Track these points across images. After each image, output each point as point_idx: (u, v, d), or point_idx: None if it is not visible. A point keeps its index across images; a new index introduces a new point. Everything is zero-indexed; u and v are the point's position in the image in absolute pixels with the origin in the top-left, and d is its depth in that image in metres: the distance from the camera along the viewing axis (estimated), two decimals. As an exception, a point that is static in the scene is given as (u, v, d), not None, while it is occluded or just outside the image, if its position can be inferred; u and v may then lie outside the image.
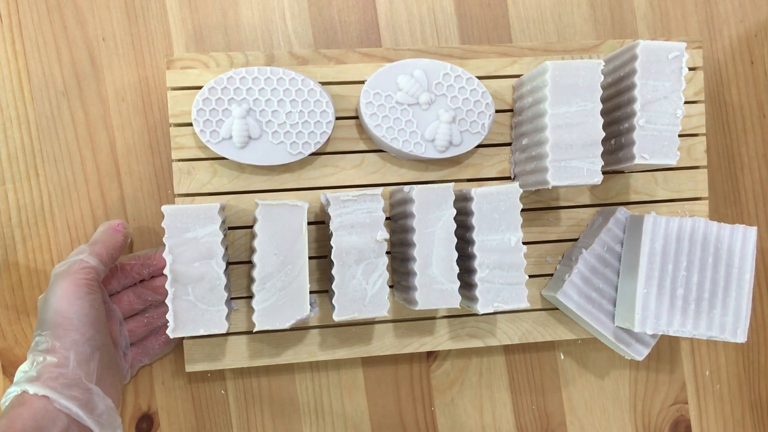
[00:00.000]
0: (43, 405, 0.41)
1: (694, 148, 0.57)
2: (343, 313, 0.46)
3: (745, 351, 0.62)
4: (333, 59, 0.54)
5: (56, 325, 0.44)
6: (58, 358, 0.43)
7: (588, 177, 0.48)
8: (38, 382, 0.42)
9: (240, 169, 0.52)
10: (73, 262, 0.46)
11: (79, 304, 0.44)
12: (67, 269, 0.46)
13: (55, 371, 0.43)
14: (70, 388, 0.43)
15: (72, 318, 0.44)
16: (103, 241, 0.49)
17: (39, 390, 0.42)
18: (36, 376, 0.42)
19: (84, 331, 0.44)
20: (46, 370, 0.43)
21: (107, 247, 0.48)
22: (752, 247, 0.50)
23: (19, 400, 0.42)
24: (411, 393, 0.58)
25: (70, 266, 0.46)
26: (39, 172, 0.54)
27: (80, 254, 0.47)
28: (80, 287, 0.45)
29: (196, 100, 0.49)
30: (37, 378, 0.42)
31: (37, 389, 0.42)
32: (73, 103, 0.54)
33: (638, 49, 0.48)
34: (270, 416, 0.56)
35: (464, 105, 0.52)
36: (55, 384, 0.42)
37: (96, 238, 0.49)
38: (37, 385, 0.42)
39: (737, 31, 0.62)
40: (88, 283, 0.45)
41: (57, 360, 0.43)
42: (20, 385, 0.42)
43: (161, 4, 0.55)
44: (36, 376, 0.42)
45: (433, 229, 0.47)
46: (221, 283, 0.45)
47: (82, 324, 0.44)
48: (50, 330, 0.44)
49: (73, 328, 0.44)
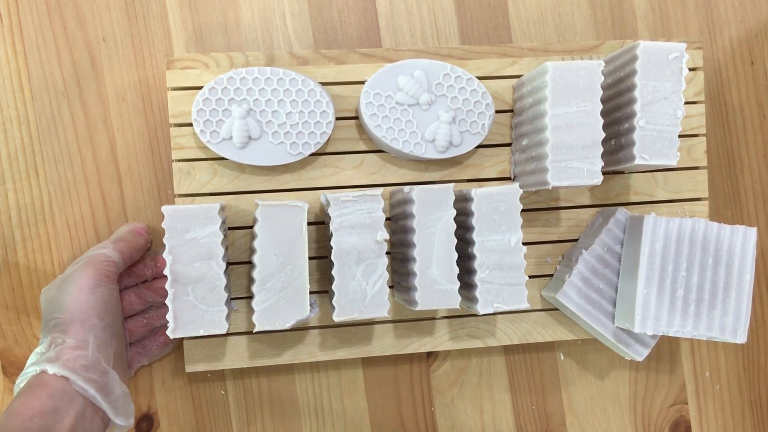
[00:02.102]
0: (61, 386, 0.42)
1: (694, 148, 0.57)
2: (343, 313, 0.46)
3: (745, 352, 0.62)
4: (333, 59, 0.54)
5: (77, 310, 0.44)
6: (77, 340, 0.44)
7: (588, 177, 0.48)
8: (57, 363, 0.42)
9: (240, 169, 0.52)
10: (95, 254, 0.47)
11: (100, 291, 0.45)
12: (90, 260, 0.47)
13: (74, 353, 0.43)
14: (88, 370, 0.43)
15: (93, 304, 0.45)
16: (127, 241, 0.50)
17: (58, 371, 0.42)
18: (55, 357, 0.43)
19: (104, 316, 0.45)
20: (65, 351, 0.43)
21: (129, 246, 0.49)
22: (752, 247, 0.50)
23: (38, 380, 0.42)
24: (411, 393, 0.58)
25: (93, 257, 0.47)
26: (39, 172, 0.54)
27: (103, 248, 0.48)
28: (102, 277, 0.46)
29: (196, 101, 0.49)
30: (56, 359, 0.43)
31: (57, 369, 0.42)
32: (73, 103, 0.54)
33: (638, 50, 0.48)
34: (270, 416, 0.56)
35: (464, 105, 0.52)
36: (74, 365, 0.43)
37: (119, 236, 0.50)
38: (56, 366, 0.42)
39: (737, 31, 0.62)
40: (108, 274, 0.47)
41: (76, 342, 0.44)
42: (39, 365, 0.43)
43: (161, 4, 0.55)
44: (55, 357, 0.43)
45: (433, 230, 0.47)
46: (221, 284, 0.45)
47: (103, 310, 0.45)
48: (69, 314, 0.44)
49: (94, 313, 0.45)
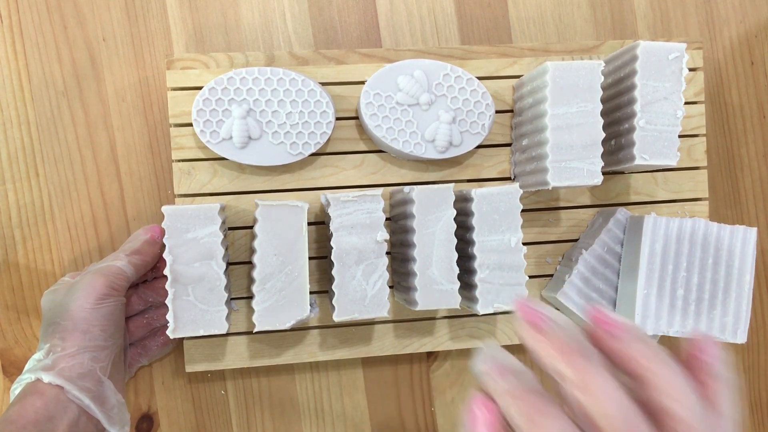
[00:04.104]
0: (55, 394, 0.42)
1: (695, 148, 0.57)
2: (343, 313, 0.46)
3: (745, 352, 0.62)
4: (333, 60, 0.54)
5: (80, 319, 0.44)
6: (75, 349, 0.44)
7: (588, 178, 0.48)
8: (53, 372, 0.43)
9: (240, 169, 0.52)
10: (109, 265, 0.47)
11: (107, 303, 0.45)
12: (103, 270, 0.46)
13: (70, 362, 0.43)
14: (83, 379, 0.43)
15: (97, 315, 0.45)
16: (144, 253, 0.49)
17: (53, 379, 0.42)
18: (51, 365, 0.43)
19: (106, 328, 0.45)
20: (62, 360, 0.43)
21: (144, 260, 0.49)
22: (752, 247, 0.50)
23: (33, 387, 0.42)
24: (411, 393, 0.58)
25: (107, 268, 0.47)
26: (39, 172, 0.54)
27: (118, 261, 0.48)
28: (111, 290, 0.46)
29: (196, 101, 0.49)
30: (52, 367, 0.43)
31: (52, 378, 0.42)
32: (73, 103, 0.54)
33: (638, 50, 0.48)
34: (270, 416, 0.56)
35: (464, 105, 0.52)
36: (69, 374, 0.43)
37: (136, 248, 0.49)
38: (51, 374, 0.42)
39: (737, 31, 0.62)
40: (118, 287, 0.46)
41: (73, 351, 0.44)
42: (35, 372, 0.43)
43: (161, 4, 0.55)
44: (51, 365, 0.43)
45: (433, 230, 0.47)
46: (221, 284, 0.45)
47: (107, 321, 0.45)
48: (72, 321, 0.44)
49: (97, 324, 0.45)
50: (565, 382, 0.23)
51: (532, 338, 0.24)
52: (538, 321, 0.24)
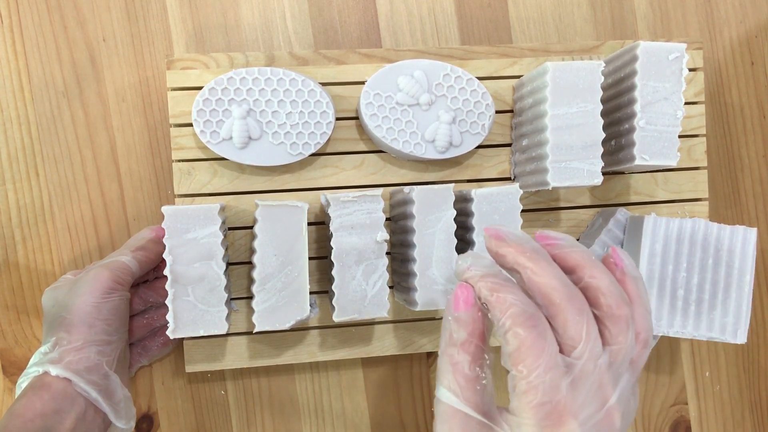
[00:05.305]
0: (62, 387, 0.42)
1: (695, 149, 0.57)
2: (343, 313, 0.46)
3: (745, 352, 0.62)
4: (333, 60, 0.54)
5: (86, 313, 0.44)
6: (81, 342, 0.44)
7: (588, 178, 0.48)
8: (60, 364, 0.43)
9: (240, 169, 0.52)
10: (114, 260, 0.47)
11: (112, 297, 0.46)
12: (108, 265, 0.47)
13: (77, 355, 0.43)
14: (90, 373, 0.43)
15: (102, 309, 0.45)
16: (148, 250, 0.49)
17: (61, 372, 0.42)
18: (58, 358, 0.43)
19: (111, 321, 0.45)
20: (69, 353, 0.43)
21: (148, 257, 0.49)
22: (752, 248, 0.50)
23: (40, 381, 0.43)
24: (411, 393, 0.58)
25: (111, 263, 0.47)
26: (39, 172, 0.54)
27: (122, 256, 0.48)
28: (116, 283, 0.46)
29: (197, 101, 0.49)
30: (59, 360, 0.43)
31: (59, 371, 0.42)
32: (73, 103, 0.54)
33: (638, 50, 0.48)
34: (270, 416, 0.56)
35: (464, 106, 0.52)
36: (76, 367, 0.43)
37: (141, 244, 0.49)
38: (59, 367, 0.43)
39: (738, 32, 0.62)
40: (123, 282, 0.47)
41: (80, 344, 0.44)
42: (42, 365, 0.43)
43: (161, 4, 0.55)
44: (58, 358, 0.43)
45: (433, 230, 0.47)
46: (221, 284, 0.45)
47: (112, 315, 0.45)
48: (77, 315, 0.44)
49: (102, 318, 0.45)
50: (524, 270, 0.31)
51: (497, 245, 0.32)
52: (501, 234, 0.32)
